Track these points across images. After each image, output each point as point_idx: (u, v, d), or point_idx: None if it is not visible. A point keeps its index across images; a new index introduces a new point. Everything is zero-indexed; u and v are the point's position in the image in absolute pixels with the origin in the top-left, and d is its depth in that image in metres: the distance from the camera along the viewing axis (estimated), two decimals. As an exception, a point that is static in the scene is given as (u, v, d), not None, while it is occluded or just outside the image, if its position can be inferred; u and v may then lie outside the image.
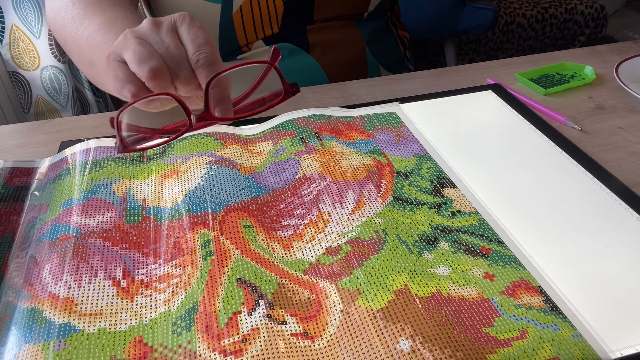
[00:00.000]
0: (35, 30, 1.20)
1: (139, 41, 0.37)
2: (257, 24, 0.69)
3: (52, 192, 0.46)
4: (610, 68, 0.67)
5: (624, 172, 0.50)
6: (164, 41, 0.38)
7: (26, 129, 0.58)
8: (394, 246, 0.40)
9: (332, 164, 0.48)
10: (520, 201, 0.46)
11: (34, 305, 0.35)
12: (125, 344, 0.34)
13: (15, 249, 0.41)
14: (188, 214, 0.43)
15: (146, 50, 0.37)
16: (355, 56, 0.74)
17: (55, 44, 1.22)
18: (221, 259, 0.39)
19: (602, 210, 0.45)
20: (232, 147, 0.51)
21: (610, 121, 0.59)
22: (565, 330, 0.35)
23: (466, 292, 0.37)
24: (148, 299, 0.37)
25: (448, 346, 0.33)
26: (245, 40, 0.70)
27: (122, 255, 0.40)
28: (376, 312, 0.35)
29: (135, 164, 0.49)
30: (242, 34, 0.70)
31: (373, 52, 0.75)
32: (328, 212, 0.43)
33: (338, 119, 0.56)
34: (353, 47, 0.74)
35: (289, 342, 0.34)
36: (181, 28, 0.39)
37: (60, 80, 1.26)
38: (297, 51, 0.71)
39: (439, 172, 0.49)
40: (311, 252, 0.41)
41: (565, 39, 1.75)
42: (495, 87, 0.64)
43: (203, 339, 0.34)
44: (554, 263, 0.40)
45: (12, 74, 1.25)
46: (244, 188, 0.46)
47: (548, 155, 0.52)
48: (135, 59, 0.37)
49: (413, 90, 0.65)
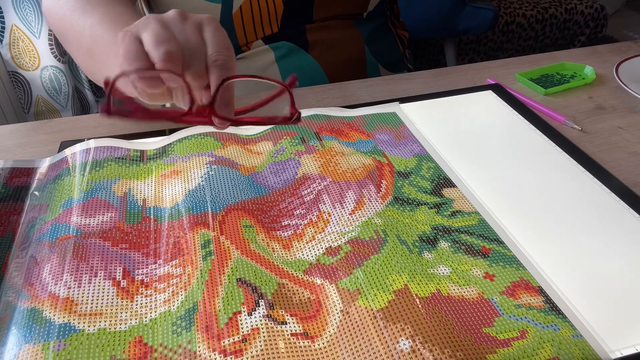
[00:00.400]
0: (35, 30, 1.20)
1: (161, 24, 0.37)
2: (257, 23, 0.69)
3: (52, 192, 0.46)
4: (610, 68, 0.67)
5: (624, 172, 0.50)
6: (187, 32, 0.38)
7: (26, 129, 0.58)
8: (394, 246, 0.40)
9: (332, 164, 0.48)
10: (520, 201, 0.46)
11: (34, 305, 0.35)
12: (125, 344, 0.34)
13: (15, 249, 0.41)
14: (188, 214, 0.43)
15: (166, 34, 0.37)
16: (354, 55, 0.74)
17: (55, 44, 1.22)
18: (221, 259, 0.39)
19: (602, 210, 0.45)
20: (232, 147, 0.51)
21: (610, 121, 0.59)
22: (565, 330, 0.35)
23: (466, 292, 0.37)
24: (148, 299, 0.37)
25: (448, 346, 0.33)
26: (245, 39, 0.70)
27: (122, 255, 0.40)
28: (376, 312, 0.35)
29: (135, 164, 0.49)
30: (242, 34, 0.70)
31: (372, 51, 0.75)
32: (328, 212, 0.43)
33: (338, 119, 0.56)
34: (352, 46, 0.74)
35: (289, 342, 0.34)
36: (207, 28, 0.39)
37: (60, 80, 1.26)
38: (296, 50, 0.71)
39: (439, 172, 0.49)
40: (311, 252, 0.41)
41: (565, 39, 1.75)
42: (495, 87, 0.64)
43: (203, 339, 0.34)
44: (554, 263, 0.40)
45: (12, 74, 1.25)
46: (244, 188, 0.46)
47: (548, 155, 0.52)
48: (153, 39, 0.36)
49: (413, 90, 0.65)
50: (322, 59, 0.72)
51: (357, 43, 0.74)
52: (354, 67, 0.75)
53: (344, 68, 0.73)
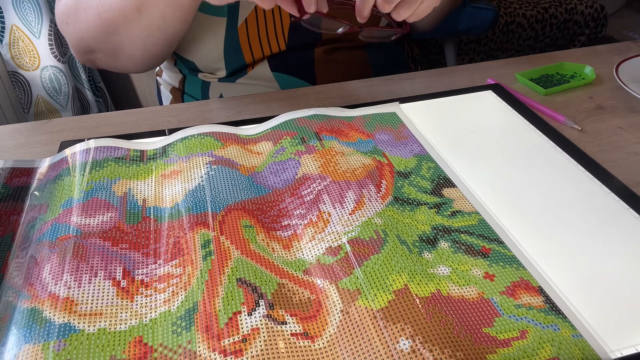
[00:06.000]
0: (35, 30, 1.20)
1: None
2: (263, 37, 0.68)
3: (52, 192, 0.46)
4: (610, 68, 0.67)
5: (624, 172, 0.50)
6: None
7: (26, 129, 0.58)
8: (394, 246, 0.40)
9: (332, 164, 0.48)
10: (520, 201, 0.46)
11: (34, 305, 0.35)
12: (125, 344, 0.34)
13: (15, 249, 0.41)
14: (188, 214, 0.43)
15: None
16: (360, 74, 0.74)
17: (55, 44, 1.22)
18: (221, 259, 0.39)
19: (602, 210, 0.45)
20: (232, 147, 0.51)
21: (610, 121, 0.59)
22: (565, 330, 0.35)
23: (466, 292, 0.37)
24: (148, 299, 0.37)
25: (448, 346, 0.33)
26: (251, 56, 0.69)
27: (122, 255, 0.40)
28: (376, 312, 0.35)
29: (135, 164, 0.49)
30: (248, 49, 0.68)
31: (380, 71, 0.75)
32: (328, 212, 0.43)
33: (338, 119, 0.56)
34: (359, 68, 0.74)
35: (289, 342, 0.34)
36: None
37: (60, 80, 1.26)
38: (300, 83, 0.71)
39: (439, 172, 0.49)
40: (311, 252, 0.41)
41: (565, 39, 1.75)
42: (495, 87, 0.64)
43: (203, 339, 0.34)
44: (554, 263, 0.40)
45: (12, 74, 1.25)
46: (244, 188, 0.46)
47: (548, 155, 0.52)
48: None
49: (413, 90, 0.65)
50: (325, 75, 0.72)
51: (363, 65, 0.74)
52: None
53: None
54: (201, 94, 0.74)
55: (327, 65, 0.72)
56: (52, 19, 1.21)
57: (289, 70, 0.71)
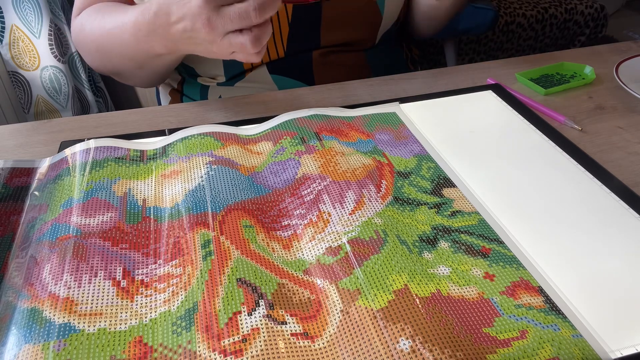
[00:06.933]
0: (35, 30, 1.20)
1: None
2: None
3: (52, 192, 0.46)
4: (610, 68, 0.67)
5: (624, 172, 0.50)
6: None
7: (26, 129, 0.58)
8: (394, 246, 0.40)
9: (332, 164, 0.48)
10: (520, 201, 0.46)
11: (34, 305, 0.35)
12: (125, 344, 0.34)
13: (15, 249, 0.41)
14: (188, 214, 0.43)
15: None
16: (359, 77, 0.73)
17: (55, 44, 1.22)
18: (221, 259, 0.39)
19: (602, 210, 0.45)
20: (232, 147, 0.51)
21: (610, 121, 0.59)
22: (565, 330, 0.35)
23: (466, 292, 0.37)
24: (148, 299, 0.37)
25: (448, 346, 0.33)
26: (251, 63, 0.69)
27: (122, 255, 0.40)
28: (376, 312, 0.35)
29: (135, 164, 0.49)
30: None
31: (378, 73, 0.75)
32: (328, 212, 0.43)
33: (338, 119, 0.56)
34: (358, 70, 0.73)
35: (289, 342, 0.34)
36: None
37: (60, 80, 1.26)
38: (299, 85, 0.71)
39: (439, 172, 0.49)
40: (311, 252, 0.41)
41: (565, 39, 1.75)
42: (495, 87, 0.64)
43: (203, 339, 0.34)
44: (554, 263, 0.40)
45: (12, 74, 1.25)
46: (244, 188, 0.46)
47: (548, 155, 0.52)
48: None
49: (413, 90, 0.65)
50: (324, 77, 0.72)
51: (362, 67, 0.74)
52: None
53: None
54: (200, 97, 0.74)
55: (325, 68, 0.72)
56: (52, 19, 1.21)
57: (287, 72, 0.71)
